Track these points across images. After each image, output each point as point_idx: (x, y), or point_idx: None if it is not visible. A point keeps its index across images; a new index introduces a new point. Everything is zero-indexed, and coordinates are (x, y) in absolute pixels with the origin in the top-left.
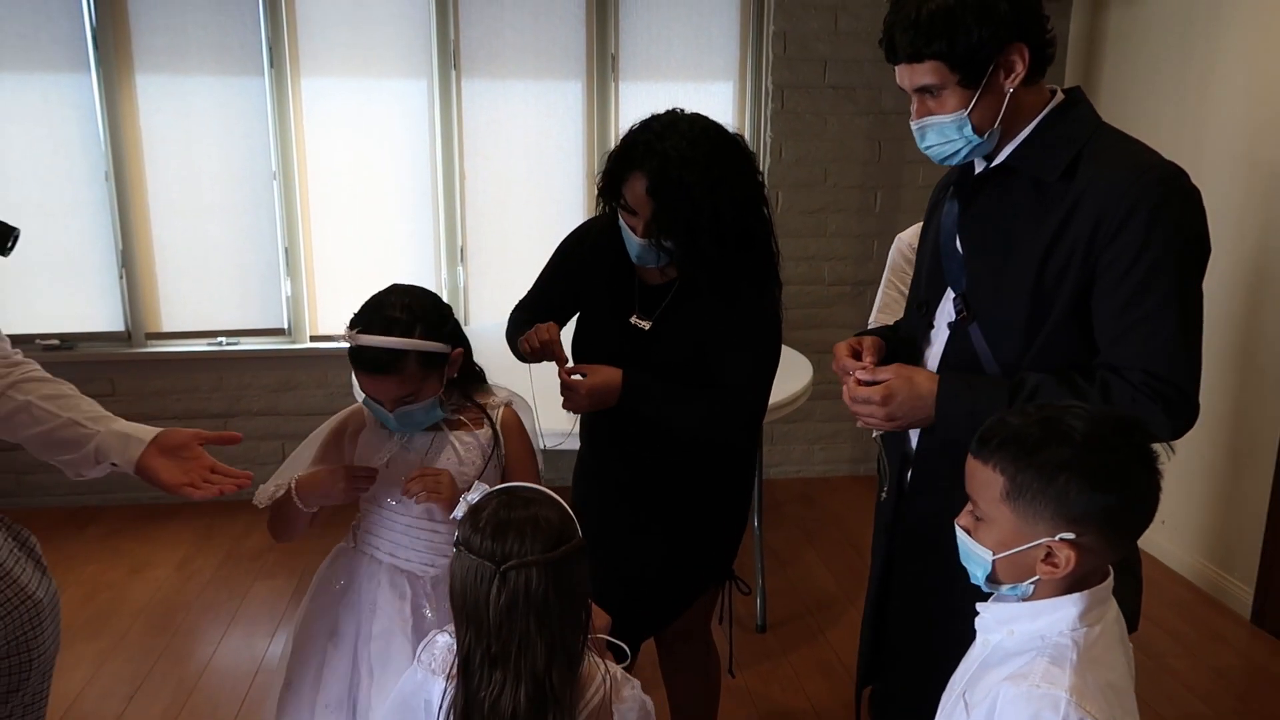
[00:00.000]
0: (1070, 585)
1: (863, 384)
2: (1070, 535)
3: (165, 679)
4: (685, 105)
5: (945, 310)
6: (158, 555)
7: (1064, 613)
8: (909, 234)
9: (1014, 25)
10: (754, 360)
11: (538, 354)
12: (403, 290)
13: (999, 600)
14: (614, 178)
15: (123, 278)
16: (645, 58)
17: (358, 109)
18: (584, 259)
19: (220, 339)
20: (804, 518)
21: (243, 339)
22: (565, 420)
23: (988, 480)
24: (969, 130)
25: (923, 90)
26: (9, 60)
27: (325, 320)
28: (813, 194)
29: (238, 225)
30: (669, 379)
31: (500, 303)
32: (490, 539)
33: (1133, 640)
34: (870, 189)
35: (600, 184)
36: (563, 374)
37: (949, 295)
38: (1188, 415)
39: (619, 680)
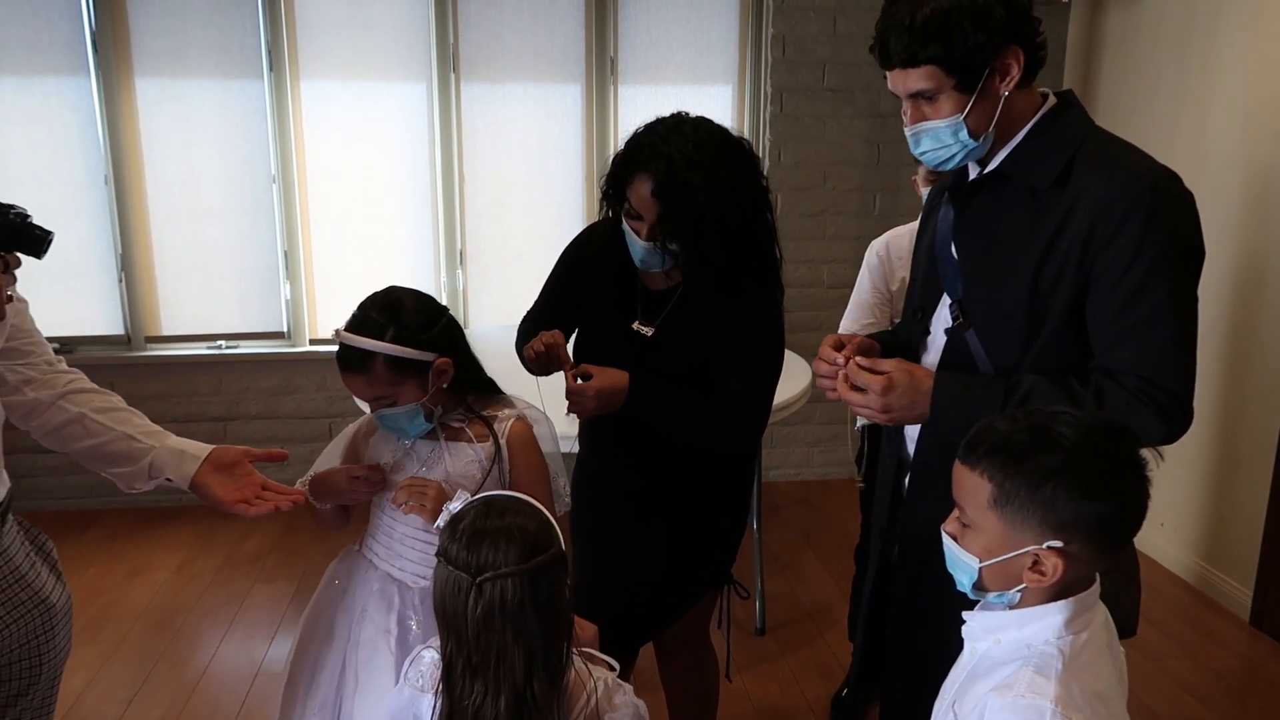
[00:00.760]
0: (1056, 593)
1: (863, 371)
2: (1058, 543)
3: (164, 682)
4: (685, 108)
5: (942, 316)
6: (157, 558)
7: (1049, 621)
8: (881, 241)
9: (1009, 28)
10: (757, 368)
11: (543, 361)
12: (392, 292)
13: (985, 608)
14: (619, 180)
15: (122, 281)
16: (644, 61)
17: (357, 112)
18: (586, 266)
19: (220, 342)
20: (803, 521)
21: (242, 342)
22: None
23: (975, 486)
24: (964, 135)
25: (917, 95)
26: (9, 63)
27: (325, 324)
28: (812, 197)
29: (237, 229)
30: (672, 385)
31: (499, 306)
32: (466, 549)
33: (1131, 642)
34: (869, 192)
35: (604, 187)
36: (569, 377)
37: (945, 301)
38: (1182, 420)
39: (610, 687)
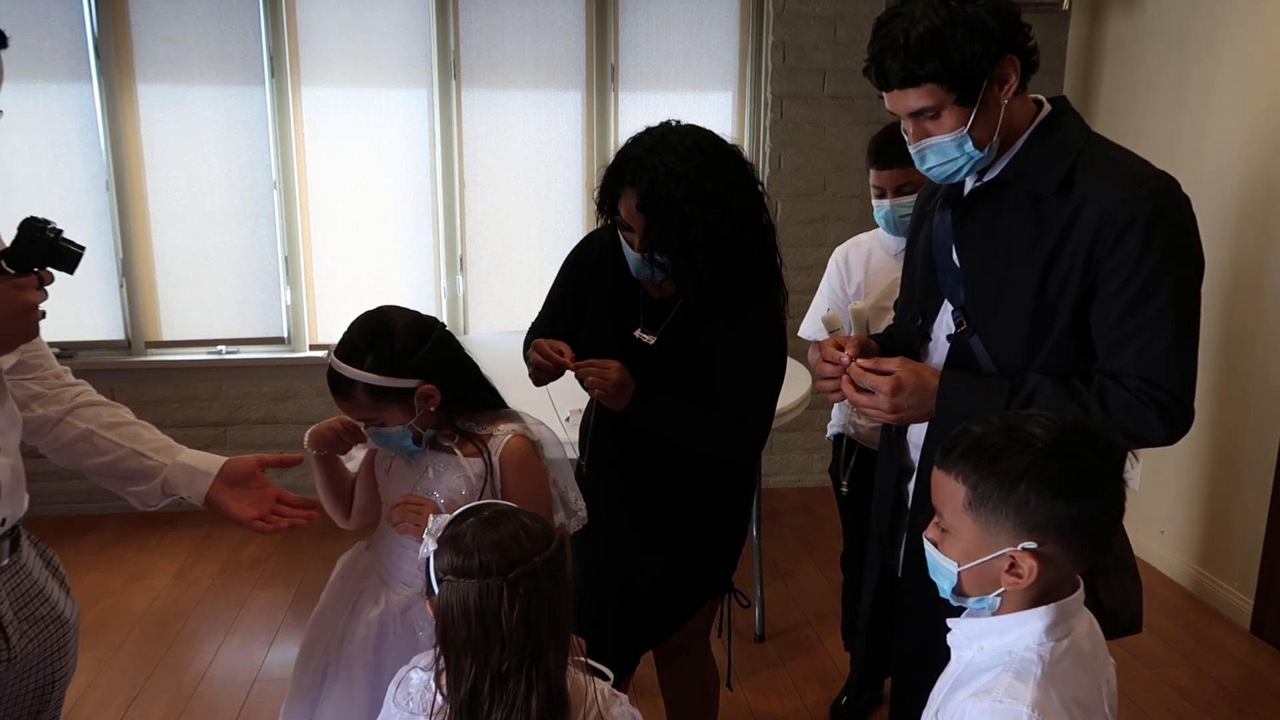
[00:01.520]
0: (1038, 598)
1: (868, 372)
2: (1032, 544)
3: (163, 688)
4: (684, 115)
5: (944, 322)
6: (156, 564)
7: (1030, 627)
8: (841, 249)
9: (1003, 38)
10: (758, 379)
11: (547, 368)
12: (382, 314)
13: (971, 615)
14: (609, 194)
15: (123, 286)
16: (645, 68)
17: (358, 118)
18: (587, 273)
19: (220, 347)
20: (803, 527)
21: (242, 348)
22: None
23: (951, 491)
24: (970, 146)
25: (919, 114)
26: (11, 69)
27: (325, 329)
28: (812, 203)
29: (238, 234)
30: (673, 393)
31: (500, 312)
32: (487, 554)
33: (1130, 650)
34: (869, 199)
35: (597, 200)
36: (576, 367)
37: (946, 308)
38: (1183, 421)
39: (608, 698)
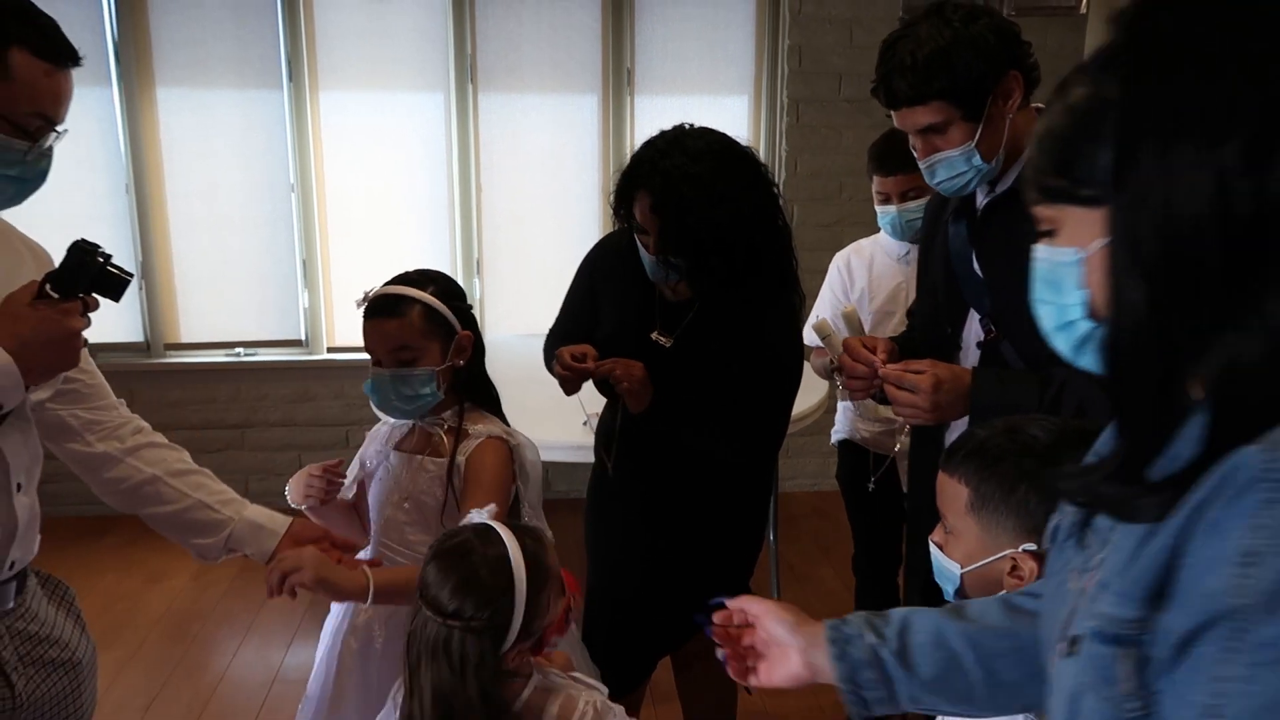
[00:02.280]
0: None
1: (905, 373)
2: (1033, 546)
3: (181, 689)
4: (700, 119)
5: (972, 330)
6: (174, 565)
7: None
8: (843, 254)
9: (1005, 54)
10: (775, 381)
11: (571, 377)
12: (424, 269)
13: None
14: (623, 197)
15: (142, 289)
16: (661, 71)
17: (375, 122)
18: (604, 276)
19: (238, 350)
20: (820, 531)
21: (260, 350)
22: (580, 434)
23: (955, 493)
24: (977, 159)
25: (927, 130)
26: None
27: (342, 332)
28: (828, 208)
29: (256, 237)
30: (690, 396)
31: (516, 314)
32: (442, 590)
33: None
34: None
35: (613, 204)
36: (599, 366)
37: (973, 316)
38: None
39: (600, 710)
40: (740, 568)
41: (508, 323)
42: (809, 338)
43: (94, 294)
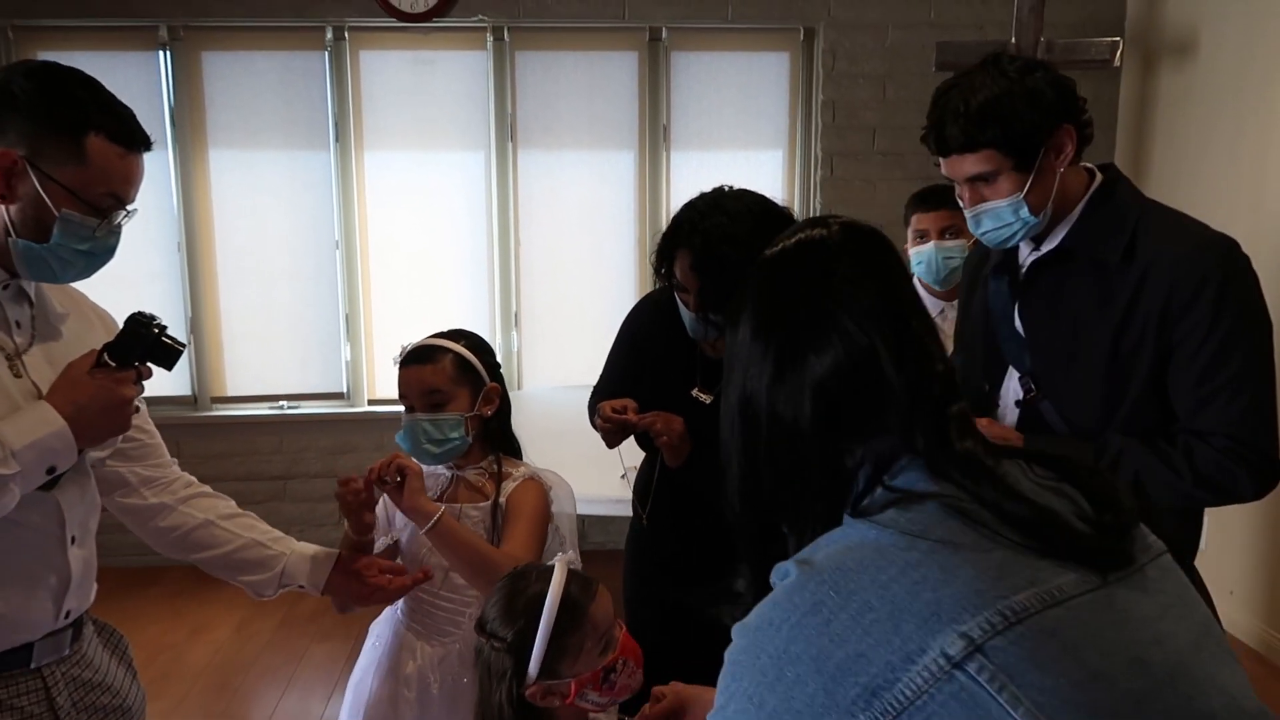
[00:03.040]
0: None
1: None
2: None
3: None
4: (735, 173)
5: (1011, 388)
6: (217, 617)
7: None
8: None
9: (1060, 108)
10: None
11: (613, 430)
12: (459, 329)
13: None
14: (665, 257)
15: (191, 343)
16: (696, 128)
17: (418, 181)
18: (646, 334)
19: (281, 403)
20: None
21: (303, 403)
22: (617, 487)
23: None
24: (1025, 212)
25: (976, 179)
26: None
27: (383, 385)
28: None
29: (301, 293)
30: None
31: (553, 367)
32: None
33: None
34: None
35: (654, 264)
36: (641, 419)
37: (1012, 374)
38: (1273, 477)
39: None
40: None
41: (545, 375)
42: None
43: (148, 363)
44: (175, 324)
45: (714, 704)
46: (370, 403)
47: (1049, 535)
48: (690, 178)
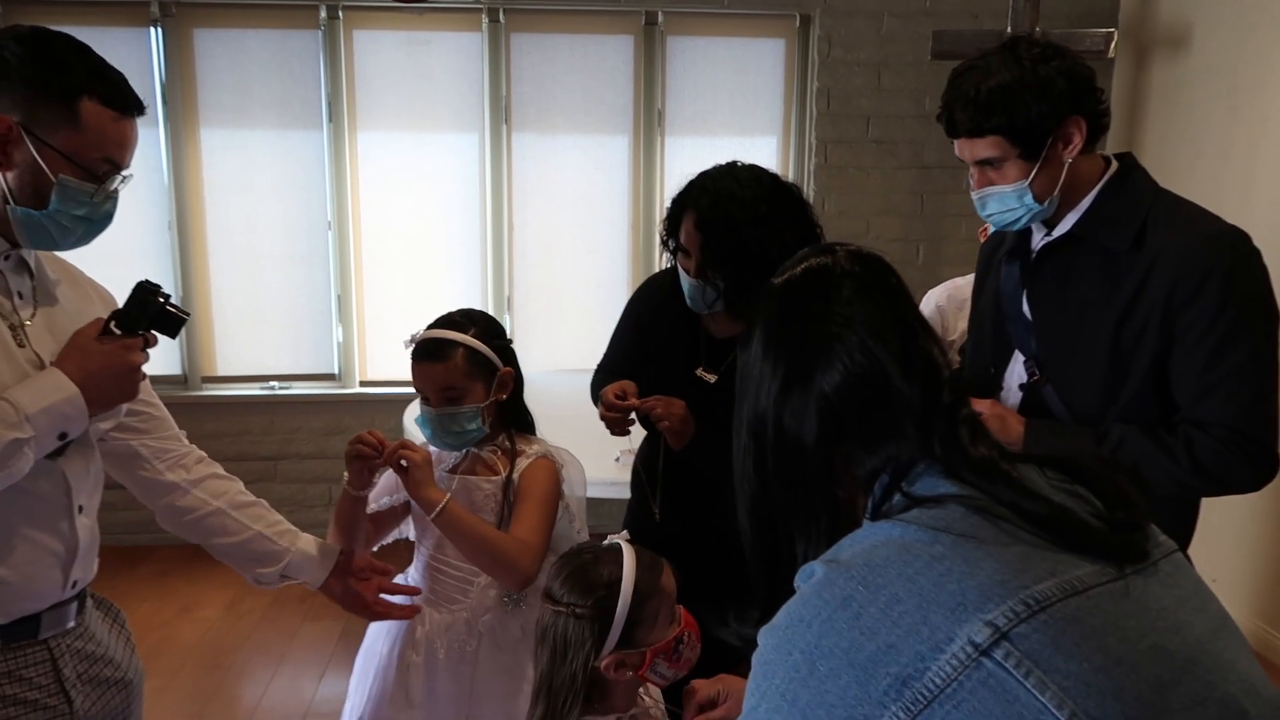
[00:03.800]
0: None
1: None
2: None
3: (216, 719)
4: (730, 158)
5: (1015, 372)
6: (208, 595)
7: None
8: (941, 291)
9: (1071, 99)
10: None
11: (616, 417)
12: (467, 309)
13: None
14: (673, 220)
15: None
16: (691, 113)
17: (411, 162)
18: (650, 313)
19: (272, 383)
20: None
21: (294, 383)
22: (613, 470)
23: None
24: (1029, 199)
25: (983, 163)
26: None
27: (374, 366)
28: None
29: (292, 273)
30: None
31: (546, 351)
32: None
33: None
34: (913, 242)
35: (663, 231)
36: (642, 404)
37: (1017, 357)
38: (1270, 468)
39: None
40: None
41: (538, 359)
42: None
43: (154, 331)
44: None
45: (743, 707)
46: (362, 384)
47: (1066, 531)
48: (685, 163)
